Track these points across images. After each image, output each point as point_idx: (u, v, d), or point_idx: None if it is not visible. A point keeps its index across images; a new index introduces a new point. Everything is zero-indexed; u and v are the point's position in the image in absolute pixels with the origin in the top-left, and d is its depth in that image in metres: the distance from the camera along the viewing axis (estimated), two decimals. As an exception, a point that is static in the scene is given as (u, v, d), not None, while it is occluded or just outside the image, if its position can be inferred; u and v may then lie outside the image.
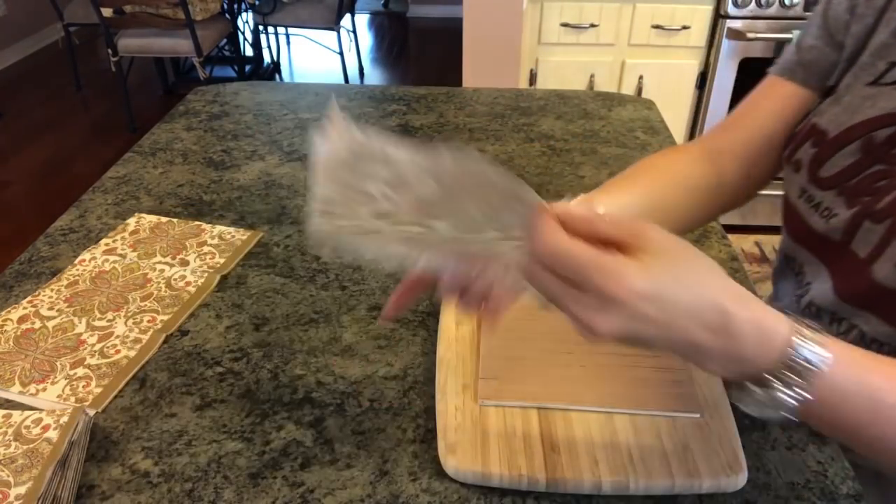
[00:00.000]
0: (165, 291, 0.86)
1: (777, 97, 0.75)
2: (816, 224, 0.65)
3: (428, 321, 0.82)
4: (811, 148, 0.66)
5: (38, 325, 0.80)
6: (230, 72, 4.32)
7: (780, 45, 2.31)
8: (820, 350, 0.44)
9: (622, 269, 0.41)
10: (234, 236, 0.98)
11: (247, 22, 4.42)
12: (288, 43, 4.85)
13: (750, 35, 2.28)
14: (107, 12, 3.16)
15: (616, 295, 0.41)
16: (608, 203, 0.66)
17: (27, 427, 0.63)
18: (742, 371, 0.45)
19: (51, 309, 0.83)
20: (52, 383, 0.73)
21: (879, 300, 0.60)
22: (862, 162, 0.61)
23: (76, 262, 0.92)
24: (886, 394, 0.44)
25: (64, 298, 0.85)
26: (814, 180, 0.65)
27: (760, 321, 0.44)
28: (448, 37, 4.94)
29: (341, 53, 3.98)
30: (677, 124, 2.57)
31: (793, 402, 0.44)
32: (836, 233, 0.63)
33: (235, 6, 3.97)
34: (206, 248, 0.95)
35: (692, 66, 2.45)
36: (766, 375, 0.44)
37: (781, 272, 0.78)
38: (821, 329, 0.45)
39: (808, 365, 0.44)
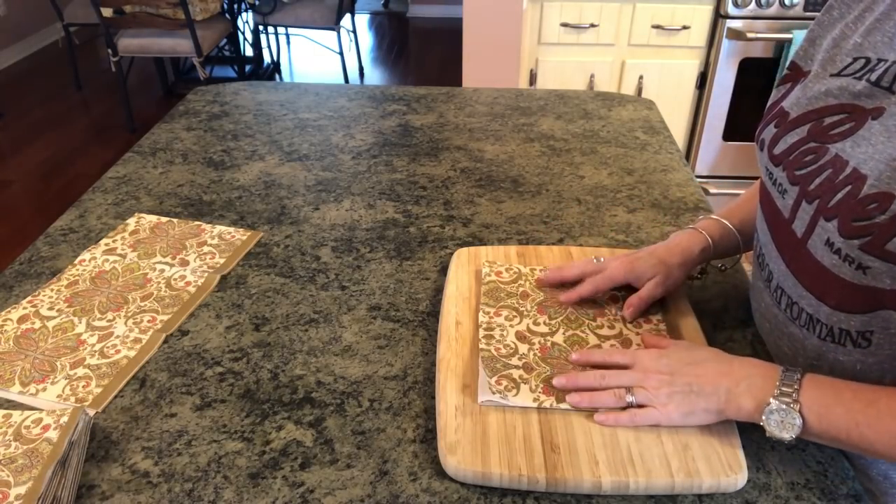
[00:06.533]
0: (165, 291, 0.86)
1: None
2: (778, 201, 0.68)
3: (428, 321, 0.82)
4: (774, 128, 0.69)
5: (38, 325, 0.80)
6: (230, 72, 4.32)
7: (780, 45, 2.32)
8: (798, 374, 0.60)
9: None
10: (234, 236, 0.98)
11: (247, 22, 4.43)
12: (288, 43, 4.85)
13: (750, 35, 2.28)
14: (107, 12, 3.16)
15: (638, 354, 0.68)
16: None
17: (27, 427, 0.63)
18: (756, 397, 0.60)
19: (51, 309, 0.83)
20: (52, 383, 0.73)
21: (817, 278, 0.63)
22: (805, 140, 0.65)
23: (76, 262, 0.92)
24: (855, 403, 0.57)
25: (64, 298, 0.85)
26: (771, 157, 0.69)
27: (753, 361, 0.64)
28: (448, 37, 4.94)
29: (341, 53, 3.98)
30: (677, 124, 2.56)
31: (796, 413, 0.58)
32: (786, 210, 0.66)
33: (235, 6, 3.97)
34: (206, 248, 0.95)
35: (692, 66, 2.45)
36: (771, 399, 0.59)
37: (756, 256, 0.80)
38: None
39: (796, 379, 0.59)
